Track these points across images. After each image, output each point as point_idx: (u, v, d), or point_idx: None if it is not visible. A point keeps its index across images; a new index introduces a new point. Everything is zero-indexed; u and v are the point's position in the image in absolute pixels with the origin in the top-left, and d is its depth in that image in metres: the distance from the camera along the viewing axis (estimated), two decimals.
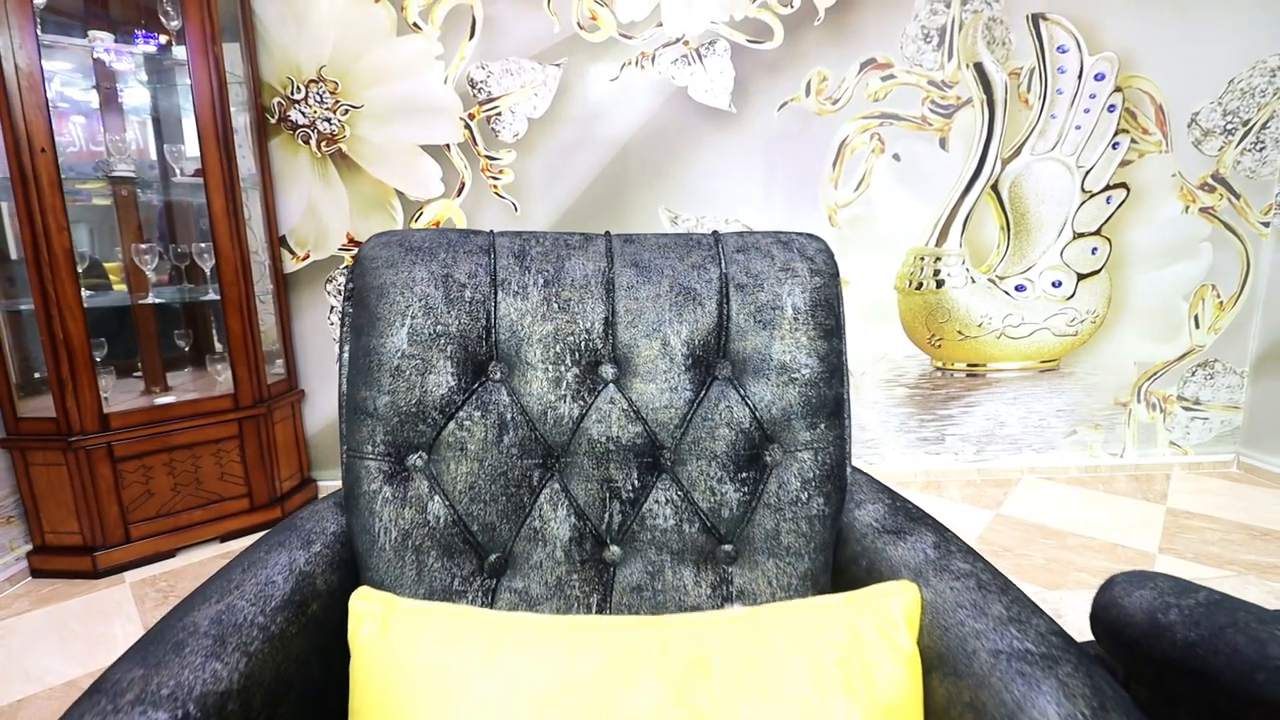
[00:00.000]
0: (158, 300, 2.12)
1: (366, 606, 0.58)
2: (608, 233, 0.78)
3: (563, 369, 0.68)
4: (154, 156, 2.21)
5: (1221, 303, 2.47)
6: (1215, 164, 2.34)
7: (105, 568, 1.93)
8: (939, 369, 2.47)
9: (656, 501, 0.67)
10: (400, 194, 2.32)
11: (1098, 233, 2.38)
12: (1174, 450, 2.55)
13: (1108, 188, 2.35)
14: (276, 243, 2.32)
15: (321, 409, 2.47)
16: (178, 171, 2.16)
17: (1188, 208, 2.38)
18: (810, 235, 0.76)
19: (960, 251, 2.38)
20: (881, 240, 2.38)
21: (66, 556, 1.94)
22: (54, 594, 1.87)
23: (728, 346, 0.70)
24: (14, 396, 1.90)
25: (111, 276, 2.15)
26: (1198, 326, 2.48)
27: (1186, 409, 2.53)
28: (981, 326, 2.43)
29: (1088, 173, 2.33)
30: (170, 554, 2.04)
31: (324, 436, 2.47)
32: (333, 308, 2.40)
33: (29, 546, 1.97)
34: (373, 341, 0.65)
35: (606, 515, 0.68)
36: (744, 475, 0.68)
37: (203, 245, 2.09)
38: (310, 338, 2.42)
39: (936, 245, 2.37)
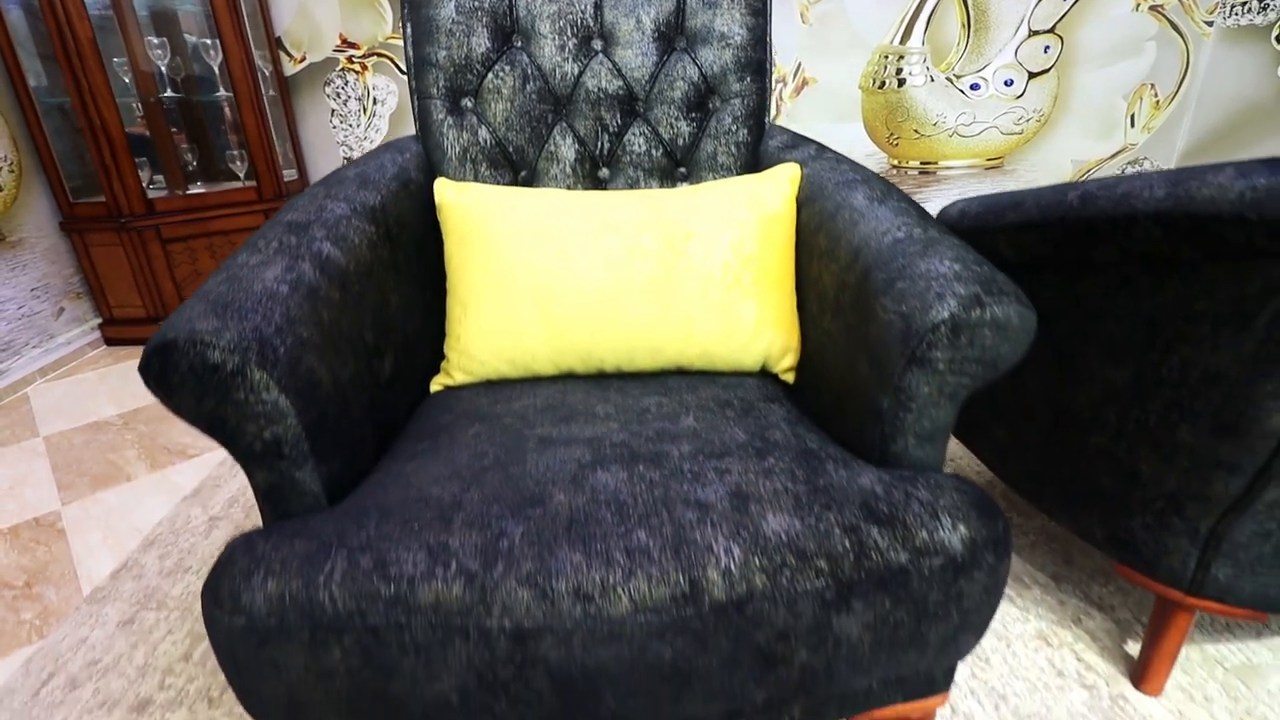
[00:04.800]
0: (171, 94, 2.26)
1: (445, 185, 0.88)
2: None
3: (565, 39, 0.94)
4: None
5: (1158, 102, 2.69)
6: None
7: None
8: (894, 167, 2.72)
9: (633, 134, 0.97)
10: None
11: (1052, 30, 2.54)
12: None
13: None
14: (273, 43, 2.42)
15: None
16: None
17: (1138, 5, 2.52)
18: None
19: (923, 49, 2.54)
20: (850, 38, 2.52)
21: (134, 326, 2.26)
22: (131, 355, 2.22)
23: (684, 24, 0.96)
24: (65, 186, 2.11)
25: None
26: (1133, 125, 2.72)
27: None
28: (936, 125, 2.65)
29: None
30: None
31: None
32: (333, 111, 2.56)
33: (99, 320, 2.29)
34: (429, 12, 0.91)
35: (599, 144, 0.98)
36: (693, 115, 0.97)
37: (209, 41, 2.21)
38: (316, 141, 2.60)
39: (901, 43, 2.53)
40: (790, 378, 0.86)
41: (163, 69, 2.18)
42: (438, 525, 0.55)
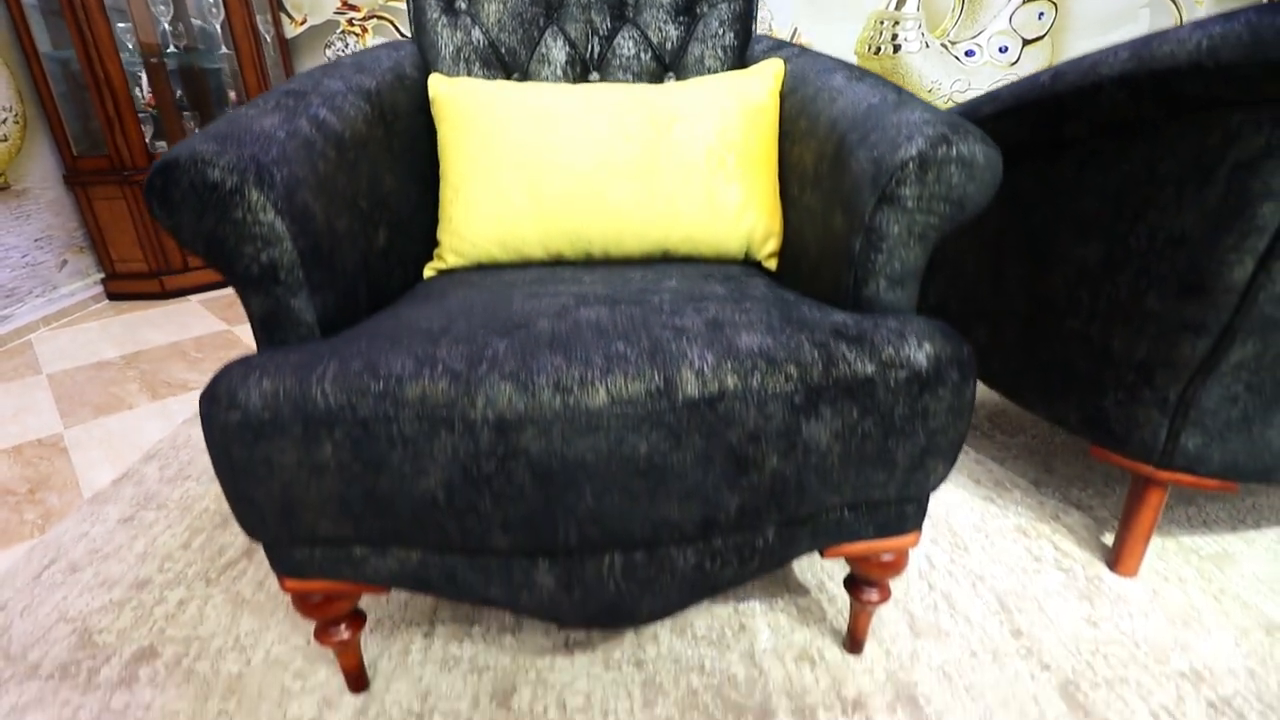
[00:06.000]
0: (174, 50, 2.28)
1: (439, 79, 0.91)
2: None
3: None
4: None
5: None
6: None
7: (172, 289, 2.29)
8: None
9: (622, 38, 1.00)
10: None
11: None
12: None
13: None
14: (275, 5, 2.45)
15: None
16: None
17: None
18: None
19: (918, 15, 2.56)
20: (846, 3, 2.54)
21: (137, 281, 2.29)
22: (133, 308, 2.25)
23: None
24: (69, 139, 2.14)
25: None
26: None
27: None
28: (931, 92, 2.67)
29: None
30: (224, 284, 2.40)
31: None
32: None
33: (102, 274, 2.31)
34: None
35: (589, 47, 1.00)
36: (682, 19, 1.00)
37: (211, 0, 2.23)
38: None
39: (896, 8, 2.55)
40: (773, 264, 0.88)
41: (165, 26, 2.21)
42: (426, 343, 0.57)
